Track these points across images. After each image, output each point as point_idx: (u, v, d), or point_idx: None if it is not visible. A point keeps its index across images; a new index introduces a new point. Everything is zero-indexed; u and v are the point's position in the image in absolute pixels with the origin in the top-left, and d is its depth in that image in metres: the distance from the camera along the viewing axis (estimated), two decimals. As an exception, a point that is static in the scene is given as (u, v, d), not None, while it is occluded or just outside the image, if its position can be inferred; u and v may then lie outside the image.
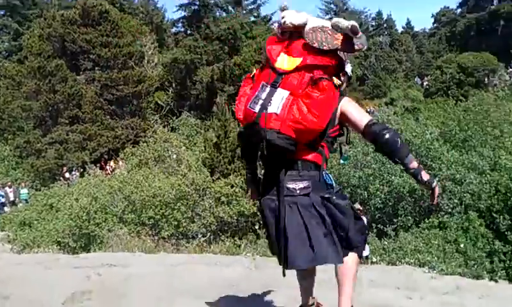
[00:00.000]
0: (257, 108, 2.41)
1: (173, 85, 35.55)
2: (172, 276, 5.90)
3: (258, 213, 2.77)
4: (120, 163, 24.40)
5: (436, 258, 9.90)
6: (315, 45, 2.42)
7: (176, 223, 13.39)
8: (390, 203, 13.78)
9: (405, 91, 34.97)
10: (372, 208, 13.78)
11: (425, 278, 7.42)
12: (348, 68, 2.71)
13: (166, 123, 29.73)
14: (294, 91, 2.42)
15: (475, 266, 9.78)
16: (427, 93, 35.12)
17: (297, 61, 2.44)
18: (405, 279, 7.30)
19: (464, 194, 11.89)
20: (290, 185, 2.57)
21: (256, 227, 12.99)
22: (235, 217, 13.76)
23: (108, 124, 28.96)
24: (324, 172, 2.69)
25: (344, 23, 2.39)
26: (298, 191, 2.56)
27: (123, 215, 13.75)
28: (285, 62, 2.46)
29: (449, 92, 32.36)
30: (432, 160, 13.96)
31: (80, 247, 12.44)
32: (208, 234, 13.49)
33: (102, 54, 29.53)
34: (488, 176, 11.88)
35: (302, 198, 2.56)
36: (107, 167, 26.11)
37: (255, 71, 2.67)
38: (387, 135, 2.58)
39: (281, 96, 2.39)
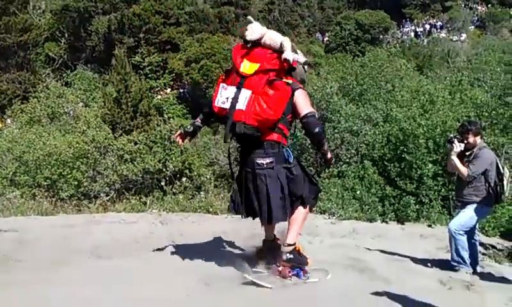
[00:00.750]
0: (227, 105, 3.16)
1: (66, 35, 32.54)
2: (71, 237, 5.56)
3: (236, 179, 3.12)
4: (8, 121, 22.19)
5: (335, 204, 10.53)
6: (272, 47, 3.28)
7: (76, 183, 12.60)
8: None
9: (307, 46, 35.96)
10: (277, 161, 14.19)
11: (325, 224, 7.93)
12: (301, 59, 3.47)
13: (59, 77, 27.39)
14: (254, 90, 3.15)
15: (369, 210, 10.59)
16: (327, 49, 36.43)
17: (256, 66, 3.14)
18: (307, 226, 7.71)
19: (361, 145, 12.70)
20: (259, 161, 3.39)
21: (163, 183, 12.72)
22: (140, 175, 13.31)
23: (-11, 78, 26.03)
24: (284, 149, 3.47)
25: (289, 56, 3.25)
26: (265, 165, 3.38)
27: (14, 178, 12.59)
28: (247, 67, 3.14)
29: (348, 48, 33.93)
30: (332, 113, 14.63)
31: (-36, 214, 11.22)
32: (112, 193, 12.93)
33: (-24, -2, 26.09)
34: (381, 127, 12.76)
35: (269, 170, 3.38)
36: (-7, 125, 23.61)
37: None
38: (317, 129, 3.49)
39: (245, 95, 3.12)
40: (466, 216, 4.61)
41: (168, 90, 30.85)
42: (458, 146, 4.56)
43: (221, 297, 3.48)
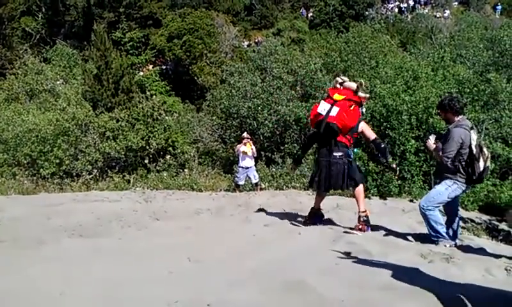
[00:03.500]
0: (324, 113, 5.08)
1: (43, 10, 31.60)
2: (52, 216, 5.49)
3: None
4: (-16, 99, 21.58)
5: (319, 180, 10.62)
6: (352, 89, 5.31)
7: (57, 161, 12.43)
8: (278, 132, 14.30)
9: (291, 22, 35.63)
10: (261, 137, 14.18)
11: (309, 200, 7.98)
12: (366, 96, 5.69)
13: (37, 53, 26.67)
14: (341, 108, 5.07)
15: (353, 186, 10.71)
16: (312, 25, 36.13)
17: (342, 96, 5.15)
18: (291, 202, 7.78)
19: (344, 121, 12.75)
20: (335, 154, 5.18)
21: (146, 161, 12.63)
22: (123, 153, 13.19)
23: (-39, 53, 25.20)
24: (349, 149, 5.27)
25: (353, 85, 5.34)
26: (338, 157, 5.17)
27: (-7, 157, 12.37)
28: (337, 96, 5.14)
29: (332, 24, 33.73)
30: (316, 89, 14.63)
31: None
32: (95, 171, 12.80)
33: None
34: (365, 103, 12.81)
35: (339, 159, 5.17)
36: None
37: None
38: (382, 145, 5.43)
39: (336, 110, 5.03)
40: (435, 192, 4.66)
41: (150, 66, 30.36)
42: (432, 144, 4.80)
43: (203, 273, 3.49)
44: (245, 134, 10.67)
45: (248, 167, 10.20)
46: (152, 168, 12.62)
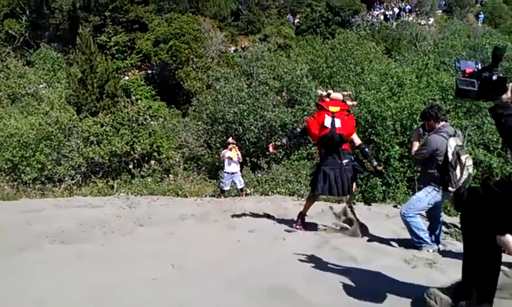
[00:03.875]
0: (329, 126, 5.34)
1: (27, 12, 31.18)
2: (34, 222, 5.39)
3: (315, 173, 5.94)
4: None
5: (304, 186, 10.65)
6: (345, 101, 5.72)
7: (40, 166, 12.23)
8: (263, 137, 14.31)
9: (278, 27, 35.76)
10: (247, 143, 14.18)
11: (294, 205, 7.99)
12: (354, 104, 6.25)
13: (20, 56, 26.28)
14: (342, 119, 5.39)
15: (339, 191, 10.75)
16: (298, 31, 36.30)
17: (338, 108, 5.45)
18: (276, 207, 7.78)
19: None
20: (343, 161, 5.48)
21: (130, 166, 12.51)
22: (107, 158, 13.03)
23: None
24: (350, 155, 5.69)
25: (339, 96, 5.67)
26: (345, 164, 5.48)
27: (-28, 162, 12.11)
28: (333, 108, 5.41)
29: (318, 30, 33.94)
30: (302, 95, 14.70)
31: None
32: (78, 176, 12.63)
33: None
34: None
35: (348, 166, 5.50)
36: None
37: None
38: (366, 149, 5.88)
39: (339, 121, 5.34)
40: (415, 199, 4.74)
41: (136, 71, 30.16)
42: (417, 137, 4.89)
43: (187, 279, 3.45)
44: (230, 140, 10.65)
45: (233, 173, 10.18)
46: (136, 173, 12.51)
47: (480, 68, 2.45)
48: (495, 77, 2.36)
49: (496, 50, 2.43)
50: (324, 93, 5.77)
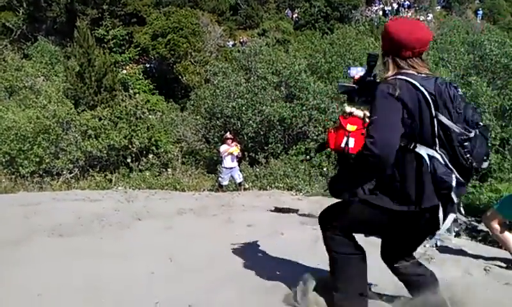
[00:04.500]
0: (343, 145, 4.23)
1: (24, 5, 30.95)
2: (32, 216, 5.39)
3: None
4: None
5: (302, 181, 10.67)
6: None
7: (37, 159, 12.21)
8: (262, 132, 14.31)
9: (276, 22, 35.66)
10: (245, 137, 14.17)
11: (292, 200, 8.02)
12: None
13: (18, 49, 26.16)
14: (356, 138, 4.32)
15: (336, 186, 10.78)
16: (297, 26, 36.22)
17: (355, 127, 4.40)
18: (275, 202, 7.79)
19: (328, 122, 12.84)
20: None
21: (129, 160, 12.50)
22: (105, 151, 13.02)
23: None
24: None
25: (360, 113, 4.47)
26: None
27: (-30, 155, 12.09)
28: (350, 127, 4.34)
29: (317, 25, 33.85)
30: (300, 90, 14.67)
31: None
32: (76, 170, 12.62)
33: None
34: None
35: None
36: None
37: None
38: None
39: (352, 140, 4.22)
40: None
41: (134, 65, 30.05)
42: None
43: (184, 274, 3.46)
44: (228, 134, 10.64)
45: (231, 168, 10.18)
46: (135, 167, 12.51)
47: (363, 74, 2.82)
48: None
49: (369, 58, 2.75)
50: (348, 110, 5.72)
